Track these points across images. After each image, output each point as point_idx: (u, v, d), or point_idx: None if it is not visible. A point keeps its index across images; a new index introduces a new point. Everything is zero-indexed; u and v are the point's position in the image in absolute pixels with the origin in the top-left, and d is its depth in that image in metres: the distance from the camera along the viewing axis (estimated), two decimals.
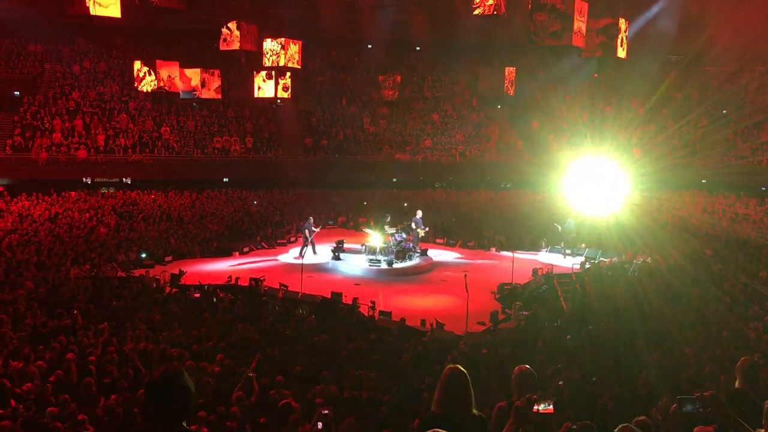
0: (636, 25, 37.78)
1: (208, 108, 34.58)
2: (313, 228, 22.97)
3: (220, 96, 26.42)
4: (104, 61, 35.33)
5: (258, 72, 24.26)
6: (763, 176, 32.81)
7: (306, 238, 22.70)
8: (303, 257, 21.70)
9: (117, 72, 34.69)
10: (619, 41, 16.65)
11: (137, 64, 24.35)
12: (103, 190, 29.72)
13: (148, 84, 24.77)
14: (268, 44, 23.21)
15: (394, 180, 34.26)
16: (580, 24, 15.75)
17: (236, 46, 21.26)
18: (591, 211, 21.87)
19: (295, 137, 35.45)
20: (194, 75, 25.77)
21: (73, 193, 27.83)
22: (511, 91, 32.62)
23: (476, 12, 17.54)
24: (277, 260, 22.66)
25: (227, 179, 32.48)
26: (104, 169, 30.70)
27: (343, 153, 34.69)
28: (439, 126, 37.38)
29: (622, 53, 16.60)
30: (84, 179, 30.38)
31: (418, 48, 36.69)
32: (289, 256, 23.08)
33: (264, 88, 24.54)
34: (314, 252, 22.73)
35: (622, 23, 16.60)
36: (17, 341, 10.80)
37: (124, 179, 31.15)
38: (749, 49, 35.98)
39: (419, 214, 23.47)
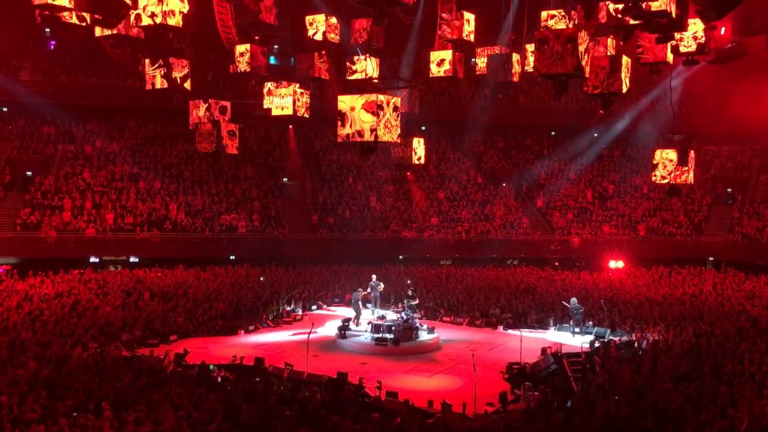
0: (639, 104, 38.73)
1: (216, 186, 35.15)
2: (360, 295, 24.08)
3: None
4: (116, 141, 36.07)
5: None
6: None
7: (358, 307, 23.61)
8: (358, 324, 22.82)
9: (128, 152, 35.37)
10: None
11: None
12: (111, 268, 29.77)
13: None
14: None
15: (400, 257, 34.31)
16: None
17: None
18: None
19: (301, 215, 35.83)
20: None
21: (80, 272, 27.84)
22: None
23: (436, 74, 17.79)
24: (282, 339, 22.41)
25: (234, 257, 32.57)
26: (112, 248, 30.88)
27: (349, 230, 34.89)
28: (445, 203, 37.70)
29: None
30: (92, 258, 30.50)
31: (423, 128, 37.36)
32: (295, 334, 22.81)
33: None
34: (357, 323, 23.06)
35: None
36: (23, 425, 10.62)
37: (131, 257, 31.25)
38: (748, 128, 36.59)
39: (374, 277, 25.03)
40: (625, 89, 12.42)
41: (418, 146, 18.06)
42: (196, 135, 18.07)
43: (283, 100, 17.47)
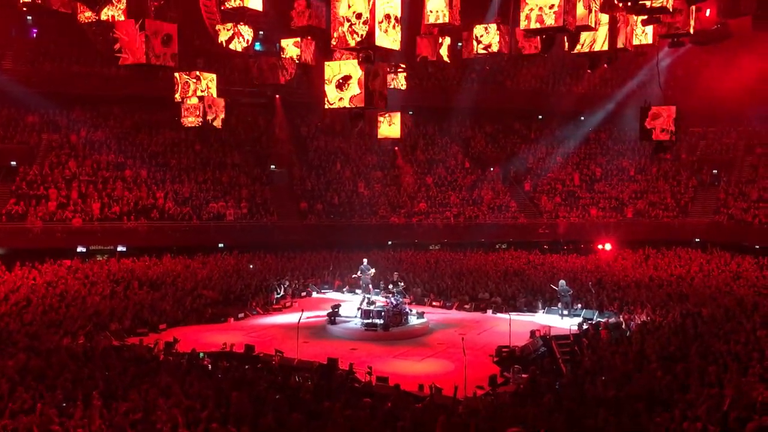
0: (626, 88, 38.79)
1: (203, 174, 34.98)
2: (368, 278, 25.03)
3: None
4: (101, 129, 35.76)
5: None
6: (756, 235, 32.95)
7: (367, 290, 24.00)
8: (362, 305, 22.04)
9: (114, 141, 35.09)
10: None
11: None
12: (99, 258, 29.63)
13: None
14: None
15: (389, 243, 34.34)
16: None
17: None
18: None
19: (289, 202, 35.75)
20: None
21: (68, 262, 27.70)
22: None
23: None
24: (272, 326, 22.40)
25: (222, 244, 32.49)
26: (99, 237, 30.70)
27: (338, 217, 34.87)
28: (433, 188, 37.72)
29: None
30: (79, 247, 30.32)
31: (411, 112, 37.47)
32: (285, 321, 22.80)
33: None
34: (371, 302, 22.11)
35: None
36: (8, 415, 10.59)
37: (119, 247, 31.08)
38: (734, 109, 36.74)
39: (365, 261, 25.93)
40: (607, 47, 12.29)
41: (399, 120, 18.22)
42: (182, 110, 18.00)
43: (270, 71, 17.84)
